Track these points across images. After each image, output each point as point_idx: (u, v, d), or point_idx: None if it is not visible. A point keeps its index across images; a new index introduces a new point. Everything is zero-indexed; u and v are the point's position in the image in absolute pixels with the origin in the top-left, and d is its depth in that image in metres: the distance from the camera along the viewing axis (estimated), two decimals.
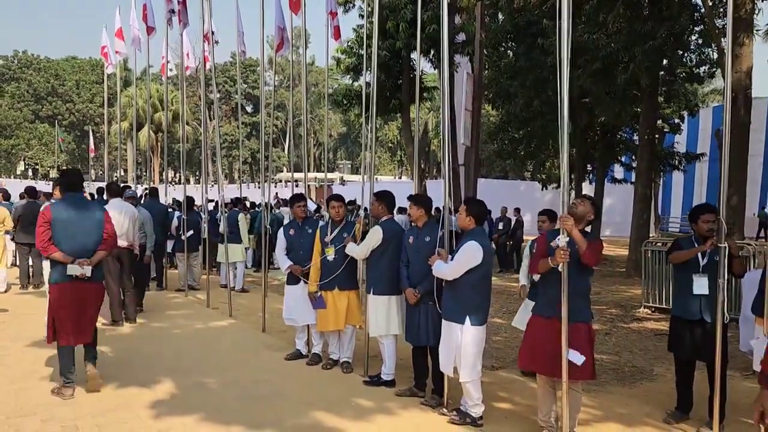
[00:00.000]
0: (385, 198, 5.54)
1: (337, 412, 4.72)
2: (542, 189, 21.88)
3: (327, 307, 5.78)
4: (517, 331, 8.06)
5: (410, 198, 5.17)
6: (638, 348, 7.11)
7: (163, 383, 5.41)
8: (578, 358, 3.88)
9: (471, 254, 4.40)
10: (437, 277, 4.76)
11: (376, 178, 24.03)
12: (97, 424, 4.44)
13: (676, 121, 19.06)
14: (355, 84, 20.26)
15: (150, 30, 11.95)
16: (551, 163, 23.02)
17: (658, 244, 9.56)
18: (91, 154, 35.18)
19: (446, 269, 4.52)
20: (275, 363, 6.21)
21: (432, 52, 17.25)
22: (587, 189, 19.56)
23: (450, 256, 4.69)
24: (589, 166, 18.99)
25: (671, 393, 4.88)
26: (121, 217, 7.82)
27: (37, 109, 62.32)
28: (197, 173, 57.43)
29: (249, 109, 65.27)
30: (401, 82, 18.66)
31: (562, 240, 3.84)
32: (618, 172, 21.08)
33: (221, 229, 10.42)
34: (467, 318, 4.41)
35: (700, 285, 4.49)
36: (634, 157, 17.38)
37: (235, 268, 10.91)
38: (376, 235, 5.34)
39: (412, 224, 5.22)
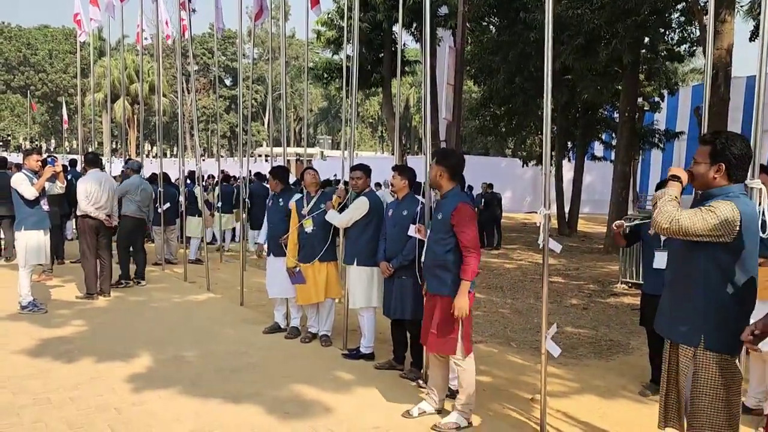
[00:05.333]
0: (367, 170, 5.51)
1: (316, 385, 4.69)
2: (523, 166, 21.96)
3: (307, 281, 5.73)
4: (496, 305, 8.15)
5: (395, 168, 5.07)
6: (615, 322, 7.20)
7: (139, 356, 5.33)
8: (555, 350, 3.89)
9: None
10: (417, 252, 4.71)
11: (357, 154, 23.84)
12: (71, 397, 4.36)
13: (656, 99, 19.14)
14: (336, 57, 19.93)
15: None
16: (532, 140, 23.06)
17: (636, 221, 9.60)
18: (65, 126, 34.36)
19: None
20: (253, 336, 6.16)
21: (414, 25, 16.99)
22: (567, 166, 19.66)
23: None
24: (569, 143, 19.06)
25: (647, 366, 4.95)
26: (100, 189, 7.67)
27: (8, 80, 60.61)
28: (175, 147, 56.55)
29: (228, 82, 64.20)
30: (383, 56, 18.40)
31: (543, 210, 3.81)
32: (598, 149, 21.19)
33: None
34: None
35: (660, 260, 4.50)
36: (614, 135, 17.47)
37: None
38: (362, 206, 5.26)
39: (393, 196, 5.14)
